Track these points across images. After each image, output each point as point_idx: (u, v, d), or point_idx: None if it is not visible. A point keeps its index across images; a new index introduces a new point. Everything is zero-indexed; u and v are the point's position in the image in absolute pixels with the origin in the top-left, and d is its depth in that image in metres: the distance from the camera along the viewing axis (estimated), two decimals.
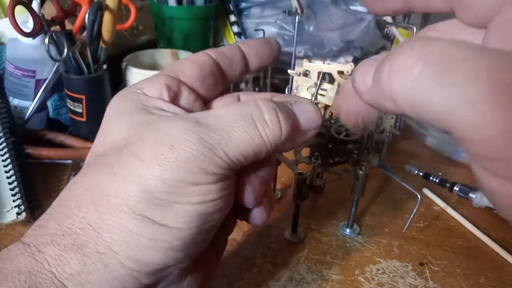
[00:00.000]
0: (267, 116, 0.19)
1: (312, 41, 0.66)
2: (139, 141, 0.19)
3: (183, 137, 0.18)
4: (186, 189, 0.18)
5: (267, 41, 0.25)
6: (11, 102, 0.50)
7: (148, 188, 0.18)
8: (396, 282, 0.34)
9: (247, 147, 0.19)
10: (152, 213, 0.18)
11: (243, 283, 0.33)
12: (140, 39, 0.65)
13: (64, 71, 0.47)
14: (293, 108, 0.21)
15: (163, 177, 0.18)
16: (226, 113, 0.19)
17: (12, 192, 0.38)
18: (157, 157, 0.18)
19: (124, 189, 0.18)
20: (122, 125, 0.20)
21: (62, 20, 0.48)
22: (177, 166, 0.18)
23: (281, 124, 0.20)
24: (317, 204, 0.43)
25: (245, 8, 0.73)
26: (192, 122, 0.19)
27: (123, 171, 0.18)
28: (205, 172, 0.18)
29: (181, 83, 0.22)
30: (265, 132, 0.19)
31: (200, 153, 0.18)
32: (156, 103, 0.21)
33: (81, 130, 0.49)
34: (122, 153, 0.19)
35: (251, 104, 0.20)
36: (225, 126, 0.19)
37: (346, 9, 0.66)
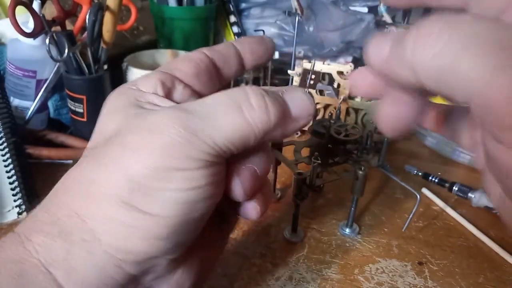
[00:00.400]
0: (254, 100, 0.19)
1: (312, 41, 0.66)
2: (126, 131, 0.19)
3: (167, 123, 0.18)
4: (170, 175, 0.18)
5: (261, 40, 0.25)
6: (12, 102, 0.50)
7: (132, 175, 0.18)
8: (395, 281, 0.34)
9: (233, 132, 0.18)
10: (136, 201, 0.18)
11: (243, 282, 0.33)
12: (141, 39, 0.65)
13: (65, 71, 0.47)
14: (284, 95, 0.20)
15: (146, 163, 0.18)
16: (211, 100, 0.19)
17: (13, 192, 0.38)
18: (139, 144, 0.18)
19: (110, 177, 0.18)
20: (114, 119, 0.20)
21: (62, 21, 0.48)
22: (160, 152, 0.18)
23: (269, 108, 0.19)
24: (316, 204, 0.43)
25: (245, 8, 0.73)
26: (178, 110, 0.19)
27: (108, 160, 0.18)
28: (189, 157, 0.18)
29: (175, 79, 0.22)
30: (251, 116, 0.18)
31: (183, 138, 0.18)
32: (150, 98, 0.21)
33: (82, 130, 0.49)
34: (110, 143, 0.19)
35: (238, 90, 0.19)
36: (210, 111, 0.18)
37: (346, 9, 0.66)
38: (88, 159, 0.20)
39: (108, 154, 0.19)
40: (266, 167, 0.22)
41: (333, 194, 0.44)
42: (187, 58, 0.23)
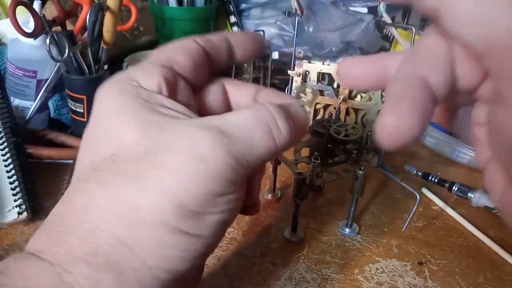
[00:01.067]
0: (281, 123, 0.20)
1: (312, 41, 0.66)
2: (162, 151, 0.18)
3: (212, 149, 0.18)
4: (214, 200, 0.19)
5: (254, 38, 0.25)
6: (12, 102, 0.50)
7: (181, 202, 0.18)
8: (395, 281, 0.34)
9: (264, 155, 0.20)
10: (185, 225, 0.18)
11: (243, 282, 0.33)
12: (141, 39, 0.65)
13: (65, 71, 0.47)
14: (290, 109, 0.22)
15: (196, 191, 0.18)
16: (244, 121, 0.20)
17: (13, 191, 0.38)
18: (189, 171, 0.18)
19: (157, 204, 0.18)
20: (128, 126, 0.19)
21: (63, 21, 0.48)
22: (208, 180, 0.18)
23: (292, 132, 0.21)
24: (316, 203, 0.43)
25: (245, 9, 0.73)
26: (216, 131, 0.19)
27: (153, 185, 0.18)
28: (231, 182, 0.19)
29: (177, 74, 0.22)
30: (279, 139, 0.20)
31: (228, 166, 0.18)
32: (158, 99, 0.20)
33: (82, 130, 0.48)
34: (144, 163, 0.18)
35: (265, 111, 0.20)
36: (247, 135, 0.20)
37: (346, 10, 0.66)
38: (117, 177, 0.18)
39: (145, 176, 0.18)
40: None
41: (333, 194, 0.44)
42: (183, 48, 0.23)
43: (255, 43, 0.25)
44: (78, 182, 0.20)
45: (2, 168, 0.39)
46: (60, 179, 0.44)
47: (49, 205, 0.40)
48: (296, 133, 0.21)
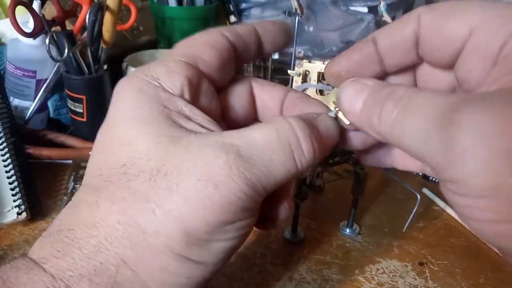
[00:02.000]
0: (304, 145, 0.19)
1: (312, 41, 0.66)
2: (175, 172, 0.17)
3: (227, 175, 0.17)
4: (225, 228, 0.18)
5: (285, 30, 0.24)
6: (11, 102, 0.50)
7: (189, 230, 0.17)
8: (396, 282, 0.34)
9: (284, 179, 0.19)
10: (191, 253, 0.18)
11: (243, 282, 0.33)
12: (141, 39, 0.65)
13: (65, 71, 0.47)
14: (317, 124, 0.20)
15: (206, 219, 0.17)
16: (265, 143, 0.18)
17: (13, 192, 0.38)
18: (201, 197, 0.17)
19: (164, 229, 0.17)
20: (141, 136, 0.18)
21: (62, 21, 0.48)
22: (221, 208, 0.17)
23: (316, 152, 0.19)
24: (317, 204, 0.43)
25: (245, 8, 0.73)
26: (234, 155, 0.17)
27: (162, 209, 0.17)
28: (245, 210, 0.18)
29: (201, 74, 0.21)
30: (301, 162, 0.19)
31: (243, 194, 0.17)
32: (178, 105, 0.19)
33: (82, 130, 0.49)
34: (157, 184, 0.17)
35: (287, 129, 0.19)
36: (267, 159, 0.18)
37: (346, 9, 0.66)
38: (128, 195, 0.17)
39: (155, 198, 0.17)
40: None
41: (334, 194, 0.44)
42: (210, 43, 0.21)
43: (284, 33, 0.24)
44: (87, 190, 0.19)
45: (1, 168, 0.39)
46: (59, 179, 0.44)
47: (48, 205, 0.40)
48: (321, 153, 0.20)
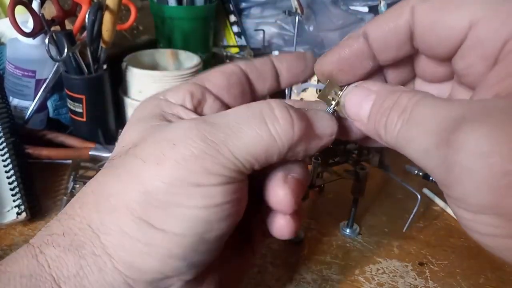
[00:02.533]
0: (278, 112, 0.18)
1: (312, 41, 0.66)
2: (143, 142, 0.18)
3: (184, 134, 0.17)
4: (187, 191, 0.17)
5: (302, 56, 0.23)
6: (11, 102, 0.50)
7: (147, 189, 0.17)
8: (396, 282, 0.34)
9: (256, 146, 0.17)
10: (150, 216, 0.17)
11: (243, 283, 0.33)
12: (140, 39, 0.65)
13: (64, 71, 0.47)
14: (308, 113, 0.20)
15: (162, 176, 0.17)
16: (234, 112, 0.18)
17: (12, 192, 0.38)
18: (157, 156, 0.17)
19: (125, 190, 0.17)
20: (135, 130, 0.20)
21: (62, 20, 0.48)
22: (176, 165, 0.17)
23: (294, 122, 0.18)
24: (317, 204, 0.43)
25: (245, 8, 0.73)
26: (198, 122, 0.18)
27: (125, 172, 0.18)
28: (208, 172, 0.17)
29: (206, 91, 0.21)
30: (275, 129, 0.18)
31: (202, 151, 0.17)
32: (176, 110, 0.20)
33: (81, 130, 0.49)
34: (127, 155, 0.19)
35: (262, 102, 0.19)
36: (232, 123, 0.17)
37: (346, 9, 0.66)
38: (105, 170, 0.19)
39: (123, 165, 0.18)
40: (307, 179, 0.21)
41: (334, 194, 0.44)
42: (220, 69, 0.22)
43: (302, 64, 0.23)
44: None
45: (1, 168, 0.39)
46: (59, 179, 0.44)
47: (48, 205, 0.40)
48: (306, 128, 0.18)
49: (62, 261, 0.17)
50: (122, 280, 0.17)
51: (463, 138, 0.14)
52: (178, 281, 0.19)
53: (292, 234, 0.20)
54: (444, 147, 0.15)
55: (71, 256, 0.17)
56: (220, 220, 0.18)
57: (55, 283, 0.17)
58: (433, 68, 0.21)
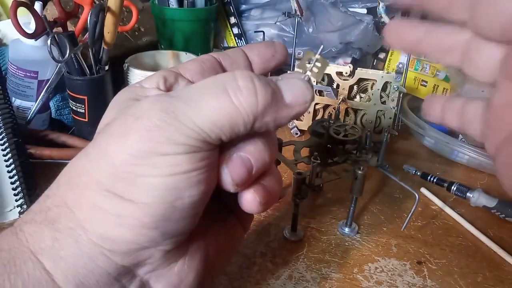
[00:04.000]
0: (241, 82, 0.18)
1: (311, 42, 0.67)
2: (113, 121, 0.19)
3: (147, 108, 0.18)
4: (152, 160, 0.17)
5: (270, 43, 0.24)
6: (13, 103, 0.50)
7: (114, 162, 0.18)
8: (394, 280, 0.34)
9: (218, 114, 0.17)
10: (119, 188, 0.17)
11: (243, 281, 0.33)
12: (142, 40, 0.65)
13: (66, 72, 0.48)
14: (278, 82, 0.19)
15: (127, 148, 0.17)
16: (197, 84, 0.18)
17: (15, 191, 0.38)
18: (122, 130, 0.18)
19: (94, 165, 0.18)
20: (110, 114, 0.21)
21: (64, 22, 0.48)
22: (140, 136, 0.17)
23: (257, 91, 0.18)
24: (316, 203, 0.43)
25: (245, 10, 0.73)
26: (162, 95, 0.19)
27: (94, 149, 0.19)
28: (171, 141, 0.17)
29: (179, 75, 0.22)
30: (237, 99, 0.17)
31: (163, 122, 0.17)
32: (149, 92, 0.21)
33: (83, 130, 0.50)
34: (99, 133, 0.20)
35: (226, 73, 0.18)
36: (194, 94, 0.18)
37: (345, 11, 0.66)
38: (79, 153, 0.20)
39: (93, 144, 0.19)
40: (264, 157, 0.20)
41: (333, 193, 0.45)
42: (194, 59, 0.24)
43: (271, 50, 0.24)
44: None
45: (3, 168, 0.39)
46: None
47: None
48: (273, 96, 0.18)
49: (38, 235, 0.18)
50: (98, 251, 0.18)
51: None
52: (157, 252, 0.19)
53: (261, 209, 0.21)
54: None
55: (47, 230, 0.18)
56: (189, 188, 0.18)
57: (32, 254, 0.18)
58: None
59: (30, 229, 0.18)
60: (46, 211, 0.19)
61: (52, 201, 0.19)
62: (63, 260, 0.18)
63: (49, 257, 0.18)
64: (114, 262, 0.18)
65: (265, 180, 0.21)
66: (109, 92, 0.50)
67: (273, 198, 0.21)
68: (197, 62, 0.23)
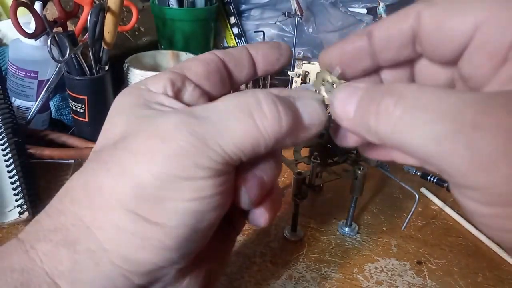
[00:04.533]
0: (266, 107, 0.18)
1: (312, 42, 0.67)
2: (132, 136, 0.18)
3: (174, 129, 0.17)
4: (178, 184, 0.17)
5: (276, 45, 0.24)
6: (13, 103, 0.50)
7: (139, 183, 0.17)
8: (394, 280, 0.34)
9: (244, 139, 0.18)
10: (143, 210, 0.17)
11: (243, 281, 0.33)
12: (142, 40, 0.65)
13: (66, 72, 0.48)
14: (296, 102, 0.19)
15: (154, 171, 0.17)
16: (221, 104, 0.18)
17: (15, 191, 0.38)
18: (148, 150, 0.17)
19: (117, 185, 0.17)
20: (120, 120, 0.20)
21: (64, 22, 0.48)
22: (168, 159, 0.17)
23: (281, 116, 0.18)
24: (316, 203, 0.43)
25: (245, 10, 0.73)
26: (185, 114, 0.18)
27: (116, 166, 0.18)
28: (198, 166, 0.17)
29: (186, 79, 0.22)
30: (262, 124, 0.18)
31: (191, 145, 0.17)
32: (158, 98, 0.20)
33: (83, 130, 0.50)
34: (116, 148, 0.19)
35: (250, 94, 0.18)
36: (219, 117, 0.18)
37: (345, 11, 0.66)
38: (93, 163, 0.19)
39: (113, 159, 0.18)
40: (275, 174, 0.21)
41: (333, 193, 0.45)
42: (198, 58, 0.23)
43: (277, 52, 0.24)
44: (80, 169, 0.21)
45: (3, 168, 0.39)
46: (61, 179, 0.44)
47: None
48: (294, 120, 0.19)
49: (55, 256, 0.17)
50: (119, 272, 0.18)
51: (494, 120, 0.13)
52: (172, 270, 0.19)
53: (267, 224, 0.22)
54: (468, 130, 0.14)
55: (65, 251, 0.17)
56: (211, 211, 0.18)
57: (48, 276, 0.17)
58: (435, 73, 0.21)
59: (44, 248, 0.17)
60: (61, 229, 0.18)
61: (67, 219, 0.18)
62: (82, 283, 0.17)
63: (67, 280, 0.17)
64: (132, 282, 0.18)
65: (272, 195, 0.22)
66: (109, 92, 0.50)
67: (277, 211, 0.23)
68: (202, 63, 0.22)
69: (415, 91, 0.16)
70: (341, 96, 0.19)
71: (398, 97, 0.16)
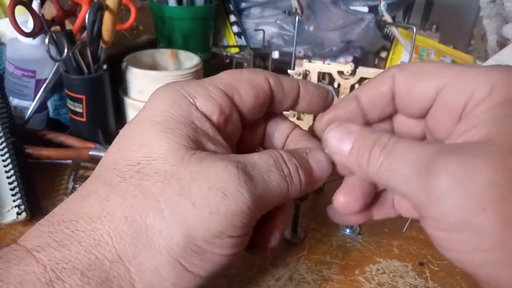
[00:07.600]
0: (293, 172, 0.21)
1: (312, 41, 0.66)
2: (190, 181, 0.18)
3: (237, 187, 0.18)
4: (223, 241, 0.18)
5: (326, 95, 0.26)
6: (11, 102, 0.50)
7: (192, 234, 0.18)
8: (396, 282, 0.34)
9: (277, 197, 0.20)
10: (186, 260, 0.18)
11: (243, 283, 0.33)
12: (140, 39, 0.65)
13: (64, 71, 0.47)
14: (308, 158, 0.23)
15: (209, 226, 0.18)
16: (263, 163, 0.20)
17: (12, 192, 0.38)
18: (209, 204, 0.18)
19: (168, 229, 0.17)
20: (164, 143, 0.19)
21: (62, 20, 0.48)
22: (224, 217, 0.18)
23: (302, 181, 0.22)
24: (317, 204, 0.43)
25: (245, 8, 0.73)
26: (241, 170, 0.19)
27: (171, 210, 0.18)
28: (244, 226, 0.19)
29: (234, 107, 0.22)
30: (291, 187, 0.21)
31: (247, 207, 0.18)
32: (205, 126, 0.21)
33: (81, 130, 0.49)
34: (170, 187, 0.18)
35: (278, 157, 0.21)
36: (266, 178, 0.20)
37: (346, 9, 0.66)
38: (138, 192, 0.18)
39: (165, 199, 0.18)
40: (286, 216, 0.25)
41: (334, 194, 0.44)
42: (251, 81, 0.23)
43: (322, 103, 0.26)
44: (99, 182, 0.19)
45: (1, 168, 0.39)
46: (59, 179, 0.44)
47: (48, 205, 0.40)
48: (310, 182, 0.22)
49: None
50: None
51: (441, 166, 0.17)
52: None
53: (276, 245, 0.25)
54: (425, 174, 0.17)
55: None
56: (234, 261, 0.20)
57: None
58: (409, 126, 0.25)
59: (74, 282, 0.17)
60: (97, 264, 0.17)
61: (104, 252, 0.17)
62: None
63: None
64: None
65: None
66: (107, 91, 0.49)
67: None
68: (252, 92, 0.23)
69: (393, 143, 0.20)
70: (336, 136, 0.22)
71: (383, 147, 0.20)
